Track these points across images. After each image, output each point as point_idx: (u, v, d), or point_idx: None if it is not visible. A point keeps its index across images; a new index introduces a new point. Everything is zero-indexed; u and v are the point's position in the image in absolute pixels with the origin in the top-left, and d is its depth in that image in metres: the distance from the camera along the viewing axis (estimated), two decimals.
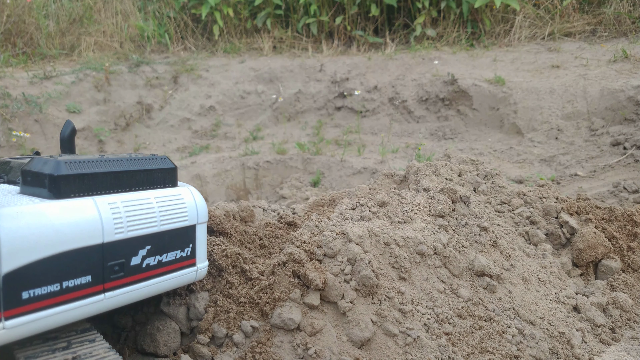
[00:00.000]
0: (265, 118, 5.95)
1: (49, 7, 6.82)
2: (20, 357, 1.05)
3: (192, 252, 1.34)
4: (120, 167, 1.19)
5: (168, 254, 1.27)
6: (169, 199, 1.27)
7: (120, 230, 1.14)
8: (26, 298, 0.98)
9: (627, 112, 4.20)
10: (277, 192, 4.32)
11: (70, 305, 1.07)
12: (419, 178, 2.31)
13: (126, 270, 1.17)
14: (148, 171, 1.26)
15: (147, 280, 1.22)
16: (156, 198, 1.24)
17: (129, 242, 1.16)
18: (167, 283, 1.28)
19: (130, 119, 5.61)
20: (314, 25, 6.99)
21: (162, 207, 1.24)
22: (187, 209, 1.31)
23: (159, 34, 7.26)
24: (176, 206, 1.28)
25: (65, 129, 1.32)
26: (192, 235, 1.32)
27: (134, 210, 1.17)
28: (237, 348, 1.42)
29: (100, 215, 1.10)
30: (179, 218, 1.28)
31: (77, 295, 1.08)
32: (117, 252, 1.14)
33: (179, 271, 1.31)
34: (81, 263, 1.07)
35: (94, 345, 1.15)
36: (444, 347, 1.53)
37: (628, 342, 1.84)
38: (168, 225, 1.25)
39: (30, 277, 0.98)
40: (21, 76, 5.46)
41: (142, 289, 1.22)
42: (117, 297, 1.16)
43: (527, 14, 6.36)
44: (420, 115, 5.48)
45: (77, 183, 1.11)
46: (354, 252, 1.64)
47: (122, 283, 1.17)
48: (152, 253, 1.22)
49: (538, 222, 2.34)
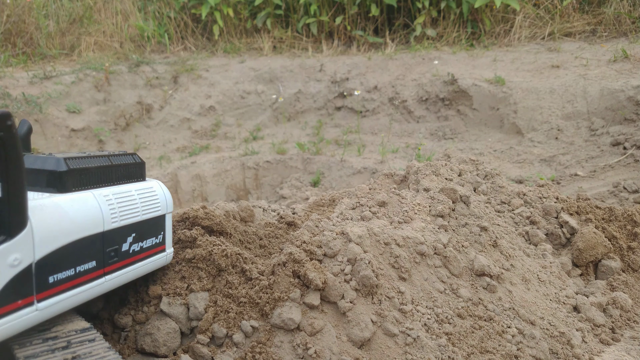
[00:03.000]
0: (265, 118, 5.95)
1: (49, 7, 6.82)
2: (20, 357, 1.05)
3: (163, 238, 1.48)
4: (106, 162, 1.31)
5: (147, 241, 1.40)
6: (145, 191, 1.40)
7: (115, 219, 1.26)
8: (52, 282, 1.09)
9: (627, 112, 4.20)
10: (277, 192, 4.32)
11: (82, 288, 1.18)
12: (419, 178, 2.31)
13: (119, 255, 1.29)
14: (126, 166, 1.38)
15: (133, 264, 1.36)
16: (136, 190, 1.36)
17: (121, 231, 1.29)
18: (147, 267, 1.42)
19: (130, 119, 5.61)
20: (314, 25, 6.99)
21: (142, 198, 1.37)
22: (159, 200, 1.44)
23: (159, 34, 7.26)
24: (151, 198, 1.41)
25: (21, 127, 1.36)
26: (162, 223, 1.46)
27: (123, 201, 1.30)
28: (237, 348, 1.42)
29: (100, 206, 1.22)
30: (154, 208, 1.41)
31: (87, 278, 1.19)
32: (113, 240, 1.26)
33: (155, 256, 1.45)
34: (89, 250, 1.19)
35: (94, 345, 1.15)
36: (444, 347, 1.53)
37: (628, 342, 1.84)
38: (147, 214, 1.38)
39: (54, 263, 1.09)
40: (21, 76, 5.46)
41: (130, 272, 1.35)
42: (113, 280, 1.28)
43: (527, 14, 6.36)
44: (420, 115, 5.48)
45: (77, 178, 1.21)
46: (354, 252, 1.64)
47: (117, 267, 1.29)
48: (136, 240, 1.35)
49: (538, 222, 2.34)
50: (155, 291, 1.53)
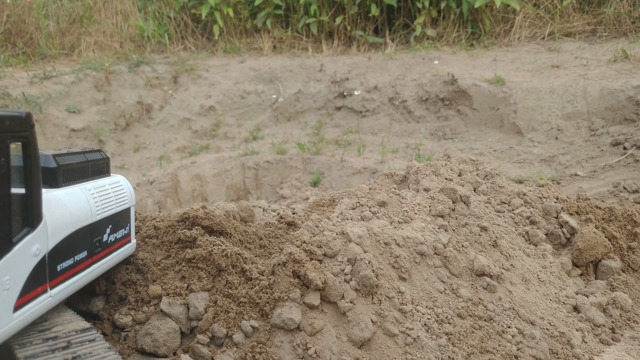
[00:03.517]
0: (265, 118, 5.95)
1: (49, 7, 6.82)
2: (21, 357, 1.05)
3: (130, 229, 1.57)
4: (83, 159, 1.38)
5: (119, 232, 1.49)
6: (116, 186, 1.49)
7: (99, 212, 1.34)
8: (59, 270, 1.18)
9: (627, 112, 4.20)
10: (277, 192, 4.32)
11: (79, 276, 1.27)
12: (419, 178, 2.31)
13: (102, 245, 1.38)
14: (97, 162, 1.45)
15: (111, 253, 1.44)
16: (109, 185, 1.45)
17: (102, 222, 1.37)
18: (119, 256, 1.51)
19: (130, 119, 5.61)
20: (314, 25, 6.99)
21: (114, 192, 1.45)
22: (126, 194, 1.53)
23: (159, 34, 7.26)
24: (121, 191, 1.50)
25: None
26: (129, 216, 1.55)
27: (102, 195, 1.38)
28: (237, 348, 1.42)
29: (88, 199, 1.30)
30: (123, 201, 1.50)
31: (82, 267, 1.28)
32: (97, 231, 1.35)
33: (125, 246, 1.54)
34: (82, 240, 1.27)
35: (94, 345, 1.15)
36: (444, 347, 1.53)
37: (628, 342, 1.84)
38: (119, 207, 1.46)
39: (60, 253, 1.17)
40: (21, 76, 5.46)
41: (108, 262, 1.43)
42: (97, 269, 1.37)
43: (527, 14, 6.36)
44: (420, 115, 5.47)
45: (65, 174, 1.28)
46: (354, 252, 1.64)
47: (101, 256, 1.38)
48: (112, 231, 1.44)
49: (538, 222, 2.34)
50: (155, 291, 1.53)
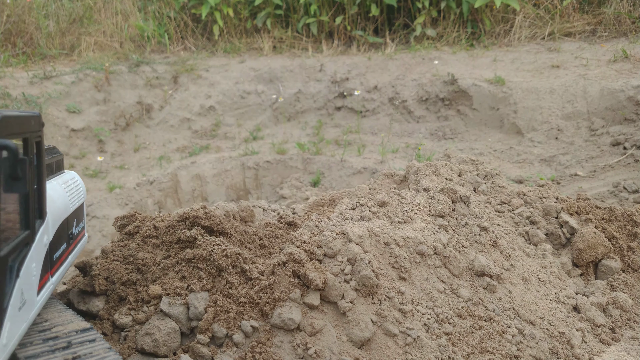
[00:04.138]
0: (265, 118, 5.95)
1: (49, 7, 6.82)
2: (21, 357, 1.05)
3: (84, 223, 1.66)
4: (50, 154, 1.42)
5: (79, 225, 1.57)
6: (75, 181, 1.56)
7: (72, 205, 1.43)
8: (55, 259, 1.26)
9: (627, 112, 4.20)
10: (277, 192, 4.32)
11: (64, 265, 1.36)
12: (419, 178, 2.31)
13: (72, 238, 1.47)
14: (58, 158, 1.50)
15: (77, 245, 1.53)
16: (71, 180, 1.52)
17: (73, 215, 1.46)
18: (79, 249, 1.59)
19: (130, 119, 5.61)
20: (314, 25, 6.99)
21: (75, 187, 1.53)
22: (82, 189, 1.61)
23: (159, 34, 7.26)
24: (79, 187, 1.58)
25: None
26: (83, 210, 1.63)
27: (70, 189, 1.46)
28: (237, 348, 1.42)
29: (65, 194, 1.38)
30: (81, 196, 1.59)
31: (65, 257, 1.37)
32: (70, 223, 1.43)
33: (82, 239, 1.63)
34: (64, 232, 1.36)
35: (94, 345, 1.15)
36: (444, 347, 1.53)
37: (628, 342, 1.84)
38: (79, 201, 1.55)
39: (54, 244, 1.25)
40: (21, 76, 5.46)
41: (76, 254, 1.52)
42: (70, 259, 1.45)
43: (527, 14, 6.36)
44: (420, 115, 5.48)
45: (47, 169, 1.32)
46: (354, 252, 1.64)
47: (73, 247, 1.47)
48: (76, 224, 1.53)
49: (538, 222, 2.34)
50: (155, 291, 1.52)
